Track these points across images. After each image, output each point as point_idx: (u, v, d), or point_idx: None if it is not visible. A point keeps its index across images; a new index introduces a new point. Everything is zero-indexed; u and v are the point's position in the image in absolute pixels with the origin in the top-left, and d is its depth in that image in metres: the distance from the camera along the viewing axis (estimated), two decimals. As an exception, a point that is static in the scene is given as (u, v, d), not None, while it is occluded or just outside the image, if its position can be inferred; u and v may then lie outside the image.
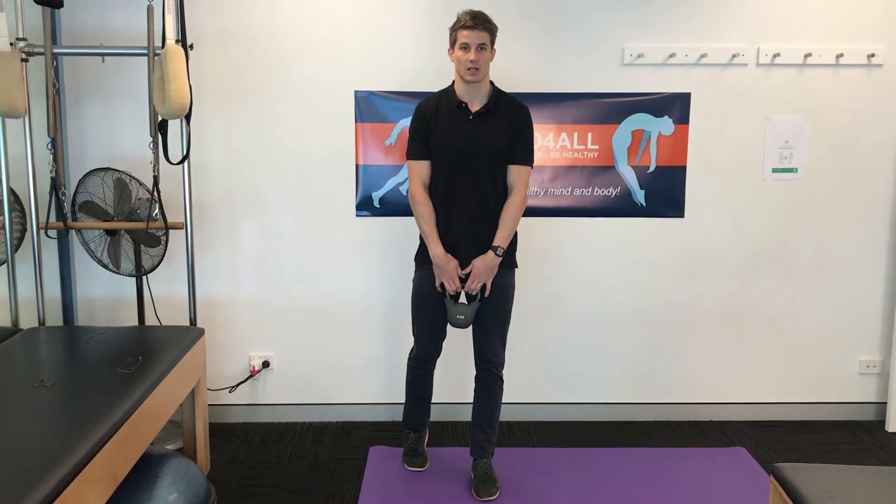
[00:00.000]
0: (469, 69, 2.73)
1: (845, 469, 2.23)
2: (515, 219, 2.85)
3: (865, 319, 3.70)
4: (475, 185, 2.82)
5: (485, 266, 2.82)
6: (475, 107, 2.82)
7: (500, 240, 2.83)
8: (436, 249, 2.85)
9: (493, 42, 2.76)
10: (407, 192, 3.14)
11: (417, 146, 2.86)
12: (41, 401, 2.24)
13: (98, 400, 2.24)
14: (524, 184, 2.86)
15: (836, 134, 3.55)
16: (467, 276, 2.85)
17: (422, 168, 2.87)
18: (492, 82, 2.85)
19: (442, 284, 2.87)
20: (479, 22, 2.70)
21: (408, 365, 3.11)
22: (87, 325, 3.40)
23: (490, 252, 2.82)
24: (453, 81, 2.86)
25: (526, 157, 2.85)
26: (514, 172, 2.84)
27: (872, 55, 3.47)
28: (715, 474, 3.15)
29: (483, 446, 3.00)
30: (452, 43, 2.78)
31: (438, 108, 2.85)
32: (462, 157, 2.81)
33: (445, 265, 2.84)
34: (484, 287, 2.86)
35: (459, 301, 2.90)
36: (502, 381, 2.98)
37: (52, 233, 3.18)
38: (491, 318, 2.91)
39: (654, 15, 3.44)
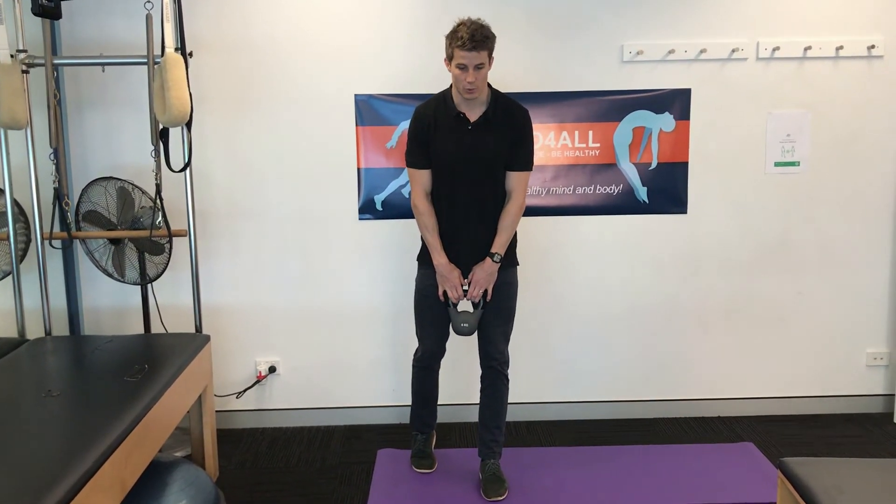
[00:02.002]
0: (467, 89, 2.70)
1: (854, 462, 2.23)
2: (513, 225, 2.86)
3: (872, 311, 3.69)
4: (476, 195, 2.82)
5: (484, 273, 2.83)
6: (473, 116, 2.79)
7: (498, 246, 2.83)
8: (440, 259, 2.85)
9: (490, 53, 2.70)
10: (409, 194, 3.14)
11: (417, 155, 2.85)
12: (49, 411, 2.25)
13: (105, 408, 2.25)
14: (523, 189, 2.85)
15: (837, 126, 3.54)
16: (469, 284, 2.86)
17: (423, 177, 2.86)
18: (489, 85, 2.82)
19: (445, 293, 2.88)
20: (476, 43, 2.60)
21: (413, 366, 3.11)
22: (93, 335, 3.40)
23: (488, 259, 2.83)
24: (451, 86, 2.83)
25: (525, 163, 2.84)
26: (514, 178, 2.84)
27: (872, 46, 3.46)
28: (723, 470, 3.14)
29: (491, 446, 3.00)
30: (449, 57, 2.70)
31: (437, 117, 2.81)
32: (462, 168, 2.80)
33: (449, 274, 2.84)
34: (486, 293, 2.86)
35: (463, 309, 2.91)
36: (507, 380, 2.98)
37: (57, 243, 3.20)
38: (494, 316, 2.92)
39: (653, 11, 3.44)
